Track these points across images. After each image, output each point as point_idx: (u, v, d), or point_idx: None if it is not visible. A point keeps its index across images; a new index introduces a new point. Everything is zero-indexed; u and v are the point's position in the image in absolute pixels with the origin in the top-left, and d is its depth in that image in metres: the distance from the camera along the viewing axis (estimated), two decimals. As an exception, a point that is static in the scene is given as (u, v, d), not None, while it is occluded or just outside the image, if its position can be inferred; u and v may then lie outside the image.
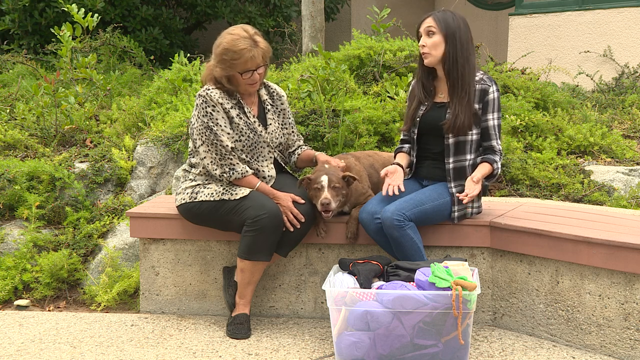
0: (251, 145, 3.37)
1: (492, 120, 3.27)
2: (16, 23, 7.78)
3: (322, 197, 3.24)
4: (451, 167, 3.29)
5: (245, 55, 3.23)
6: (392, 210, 3.11)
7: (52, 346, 3.24)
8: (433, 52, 3.24)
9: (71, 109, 5.25)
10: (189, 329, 3.44)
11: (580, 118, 5.24)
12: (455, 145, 3.27)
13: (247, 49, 3.23)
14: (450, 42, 3.22)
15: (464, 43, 3.24)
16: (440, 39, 3.23)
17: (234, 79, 3.31)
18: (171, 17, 8.46)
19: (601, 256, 2.95)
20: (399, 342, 2.90)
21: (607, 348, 3.01)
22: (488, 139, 3.29)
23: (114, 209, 4.32)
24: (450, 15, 3.27)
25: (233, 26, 3.36)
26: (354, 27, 6.91)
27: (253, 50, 3.24)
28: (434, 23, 3.24)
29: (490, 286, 3.41)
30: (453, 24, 3.24)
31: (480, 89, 3.25)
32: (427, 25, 3.25)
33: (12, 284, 3.88)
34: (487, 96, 3.25)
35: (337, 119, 4.49)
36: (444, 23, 3.23)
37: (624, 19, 7.43)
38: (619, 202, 3.96)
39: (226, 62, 3.26)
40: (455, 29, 3.23)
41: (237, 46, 3.23)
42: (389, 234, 3.14)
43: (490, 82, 3.27)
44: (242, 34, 3.26)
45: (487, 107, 3.26)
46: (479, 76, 3.28)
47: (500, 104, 3.32)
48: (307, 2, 6.21)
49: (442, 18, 3.24)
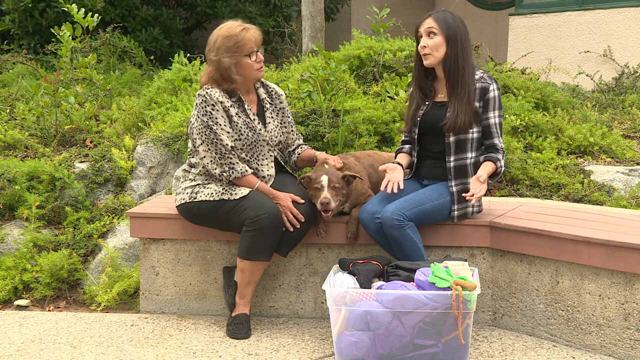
0: (251, 144, 3.37)
1: (494, 118, 3.27)
2: (16, 23, 7.78)
3: (322, 197, 3.24)
4: (452, 166, 3.28)
5: (245, 36, 3.33)
6: (392, 210, 3.11)
7: (52, 346, 3.24)
8: (434, 53, 3.24)
9: (71, 109, 5.25)
10: (189, 329, 3.44)
11: (580, 118, 5.24)
12: (456, 143, 3.26)
13: (243, 29, 3.35)
14: (451, 43, 3.22)
15: (464, 43, 3.24)
16: (441, 40, 3.22)
17: (242, 66, 3.34)
18: (171, 17, 8.46)
19: (601, 256, 2.95)
20: (399, 342, 2.90)
21: (607, 348, 3.01)
22: (490, 137, 3.29)
23: (114, 209, 4.32)
24: (449, 15, 3.27)
25: None
26: (354, 27, 6.91)
27: (249, 30, 3.36)
28: (435, 24, 3.23)
29: (490, 286, 3.41)
30: (454, 24, 3.24)
31: (480, 87, 3.25)
32: (428, 26, 3.24)
33: (12, 284, 3.88)
34: (487, 94, 3.25)
35: (337, 119, 4.49)
36: (445, 23, 3.22)
37: (624, 19, 7.43)
38: (619, 202, 3.96)
39: (231, 49, 3.31)
40: (456, 29, 3.23)
41: (234, 30, 3.33)
42: (389, 234, 3.14)
43: (490, 80, 3.27)
44: (232, 23, 3.39)
45: (487, 105, 3.26)
46: (479, 74, 3.28)
47: (501, 102, 3.32)
48: (307, 2, 6.21)
49: (442, 18, 3.24)
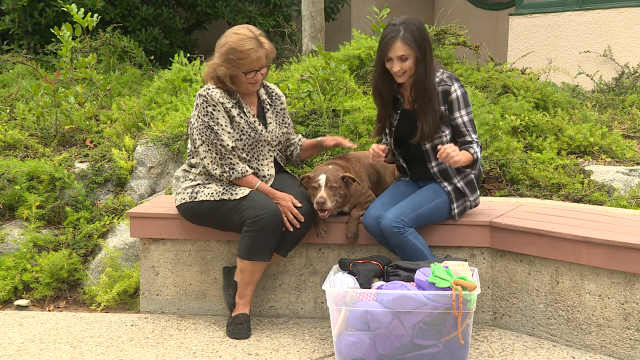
0: (252, 144, 3.37)
1: (460, 117, 3.24)
2: (16, 23, 7.78)
3: (318, 196, 3.24)
4: (436, 171, 3.31)
5: (251, 56, 3.24)
6: (391, 218, 3.13)
7: (52, 346, 3.24)
8: (408, 73, 3.20)
9: (71, 109, 5.24)
10: (189, 329, 3.44)
11: (580, 118, 5.24)
12: (432, 149, 3.27)
13: (253, 49, 3.24)
14: (420, 58, 3.17)
15: (429, 51, 3.20)
16: (413, 60, 3.17)
17: (236, 78, 3.32)
18: (171, 17, 8.46)
19: (601, 256, 2.95)
20: (399, 342, 2.90)
21: (607, 348, 3.01)
22: (461, 135, 3.26)
23: (114, 209, 4.32)
24: (414, 28, 3.16)
25: (238, 26, 3.37)
26: (354, 27, 6.91)
27: (259, 51, 3.26)
28: (405, 49, 3.14)
29: (490, 286, 3.41)
30: (420, 37, 3.16)
31: (442, 91, 3.22)
32: (400, 53, 3.14)
33: (12, 284, 3.88)
34: (449, 96, 3.22)
35: (337, 119, 4.49)
36: (414, 41, 3.14)
37: (624, 19, 7.43)
38: (619, 202, 3.96)
39: (232, 62, 3.26)
40: (423, 42, 3.17)
41: (243, 46, 3.24)
42: (391, 242, 3.16)
43: (450, 80, 3.22)
44: (248, 34, 3.27)
45: (452, 106, 3.23)
46: (438, 77, 3.23)
47: (468, 98, 3.26)
48: (307, 2, 6.21)
49: (410, 37, 3.13)
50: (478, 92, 4.97)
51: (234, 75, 3.31)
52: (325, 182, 3.26)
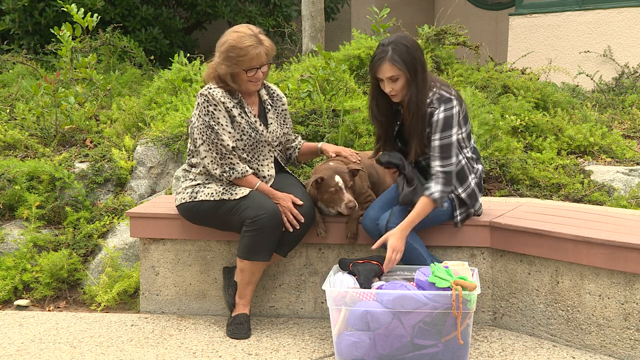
0: (252, 144, 3.37)
1: (434, 141, 3.12)
2: (16, 23, 7.78)
3: (347, 200, 3.26)
4: None
5: (251, 53, 3.25)
6: (390, 221, 3.12)
7: (52, 346, 3.24)
8: (400, 93, 3.14)
9: (71, 109, 5.24)
10: (189, 329, 3.44)
11: (580, 118, 5.24)
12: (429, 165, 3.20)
13: (253, 45, 3.26)
14: (412, 77, 3.09)
15: (423, 70, 3.11)
16: (404, 80, 3.10)
17: (237, 77, 3.32)
18: (171, 17, 8.46)
19: (601, 256, 2.95)
20: (399, 342, 2.90)
21: (607, 348, 3.01)
22: (432, 159, 3.13)
23: (114, 209, 4.32)
24: (403, 47, 3.07)
25: (238, 25, 3.39)
26: (354, 27, 6.91)
27: (259, 48, 3.27)
28: (394, 70, 3.05)
29: (490, 286, 3.41)
30: (410, 57, 3.06)
31: (428, 113, 3.13)
32: (390, 75, 3.07)
33: (12, 284, 3.88)
34: (432, 119, 3.12)
35: (337, 119, 4.49)
36: (403, 62, 3.04)
37: (624, 19, 7.43)
38: (619, 202, 3.96)
39: (232, 59, 3.27)
40: (414, 61, 3.07)
41: (243, 43, 3.25)
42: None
43: (438, 103, 3.10)
44: (248, 32, 3.29)
45: (432, 128, 3.13)
46: (430, 97, 3.13)
47: (452, 121, 3.10)
48: (307, 2, 6.21)
49: (399, 58, 3.04)
50: (478, 92, 4.97)
51: (235, 74, 3.31)
52: (344, 184, 3.28)
